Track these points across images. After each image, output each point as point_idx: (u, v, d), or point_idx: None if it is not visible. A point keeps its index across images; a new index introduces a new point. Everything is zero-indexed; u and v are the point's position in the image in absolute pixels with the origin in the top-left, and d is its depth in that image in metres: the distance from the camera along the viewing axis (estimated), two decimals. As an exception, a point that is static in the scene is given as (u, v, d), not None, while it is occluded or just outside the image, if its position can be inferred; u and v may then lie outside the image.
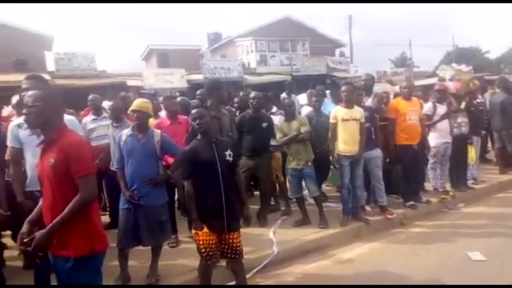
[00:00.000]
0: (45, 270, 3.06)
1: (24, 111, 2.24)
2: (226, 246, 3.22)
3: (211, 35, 27.79)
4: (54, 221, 2.15)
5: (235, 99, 6.24)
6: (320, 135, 5.29)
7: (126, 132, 3.72)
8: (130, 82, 17.28)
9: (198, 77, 18.38)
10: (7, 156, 3.25)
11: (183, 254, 4.33)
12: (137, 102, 3.76)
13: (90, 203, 2.25)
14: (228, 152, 3.20)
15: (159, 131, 3.82)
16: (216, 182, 3.10)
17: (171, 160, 4.00)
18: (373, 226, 5.15)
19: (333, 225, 5.02)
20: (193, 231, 3.26)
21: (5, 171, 3.34)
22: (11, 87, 14.18)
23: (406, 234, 5.08)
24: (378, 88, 6.47)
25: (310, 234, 4.82)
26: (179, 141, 4.07)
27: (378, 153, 5.36)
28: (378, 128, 5.45)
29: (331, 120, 5.05)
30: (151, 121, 4.45)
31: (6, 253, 4.13)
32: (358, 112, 5.00)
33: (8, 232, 4.18)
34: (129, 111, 3.90)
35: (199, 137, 3.26)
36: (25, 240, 2.15)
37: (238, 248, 3.24)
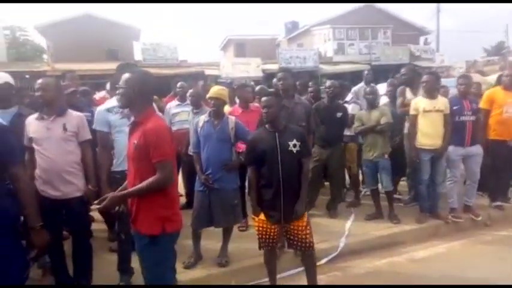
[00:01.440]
0: (127, 243, 3.33)
1: (118, 91, 2.42)
2: (291, 237, 3.18)
3: (289, 24, 27.66)
4: (129, 190, 2.33)
5: (310, 89, 6.17)
6: (393, 127, 5.04)
7: (203, 118, 3.88)
8: (208, 71, 17.90)
9: (273, 67, 18.45)
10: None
11: (252, 238, 4.39)
12: (214, 89, 3.88)
13: (165, 186, 2.34)
14: (293, 142, 3.09)
15: (233, 118, 3.91)
16: (276, 172, 3.05)
17: (243, 146, 4.09)
18: (454, 225, 4.81)
19: (408, 221, 4.78)
20: (252, 216, 3.29)
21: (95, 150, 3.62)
22: (104, 74, 15.51)
23: (491, 237, 4.67)
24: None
25: (383, 228, 4.65)
26: (251, 130, 4.13)
27: (478, 150, 4.93)
28: (481, 121, 4.98)
29: (411, 112, 4.78)
30: (226, 108, 4.57)
31: (94, 225, 4.55)
32: (441, 103, 4.67)
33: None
34: (206, 98, 4.04)
35: (266, 125, 3.23)
36: (99, 199, 2.33)
37: (305, 240, 3.16)
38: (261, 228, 3.19)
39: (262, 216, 3.16)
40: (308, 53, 19.80)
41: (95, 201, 2.32)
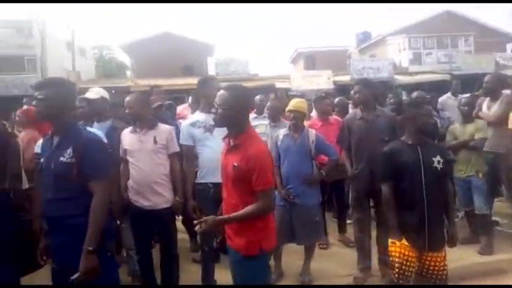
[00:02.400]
0: (210, 255, 3.35)
1: (212, 110, 2.33)
2: (425, 267, 2.80)
3: (360, 35, 26.99)
4: (229, 216, 2.26)
5: (390, 101, 5.88)
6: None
7: (282, 131, 3.83)
8: (279, 84, 18.00)
9: (344, 78, 18.08)
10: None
11: (334, 257, 4.27)
12: (294, 102, 3.83)
13: (266, 214, 2.27)
14: (437, 159, 2.77)
15: (313, 131, 3.82)
16: (419, 190, 2.72)
17: (326, 159, 3.97)
18: None
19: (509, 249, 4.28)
20: (389, 241, 2.88)
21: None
22: (180, 89, 16.25)
23: None
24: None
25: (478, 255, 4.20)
26: (331, 142, 4.00)
27: None
28: None
29: (510, 125, 4.31)
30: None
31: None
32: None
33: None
34: (286, 111, 4.00)
35: (405, 137, 2.94)
36: (198, 221, 2.23)
37: (442, 272, 2.78)
38: (402, 256, 2.76)
39: (404, 241, 2.77)
40: (382, 63, 19.12)
41: (195, 222, 2.23)
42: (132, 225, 3.32)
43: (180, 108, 5.96)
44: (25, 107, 4.97)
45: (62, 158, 2.22)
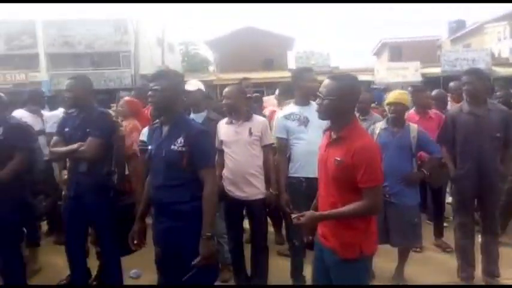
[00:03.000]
0: (300, 250, 3.29)
1: (317, 101, 2.17)
2: None
3: (453, 23, 24.96)
4: (330, 212, 2.11)
5: (497, 93, 5.29)
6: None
7: (380, 125, 3.62)
8: (361, 77, 17.36)
9: (434, 70, 16.89)
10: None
11: (430, 262, 3.96)
12: (395, 94, 3.58)
13: (373, 214, 2.14)
14: None
15: (415, 126, 3.54)
16: None
17: (425, 155, 3.68)
18: None
19: None
20: None
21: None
22: (261, 83, 16.44)
23: None
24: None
25: None
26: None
27: None
28: None
29: None
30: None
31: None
32: None
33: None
34: (385, 104, 3.77)
35: None
36: (296, 215, 2.15)
37: None
38: None
39: None
40: (478, 54, 17.50)
41: (293, 216, 2.15)
42: (226, 215, 3.38)
43: (266, 103, 5.98)
44: (126, 98, 5.34)
45: (173, 146, 2.29)
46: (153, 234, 2.65)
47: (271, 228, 4.63)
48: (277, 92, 5.26)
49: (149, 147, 2.47)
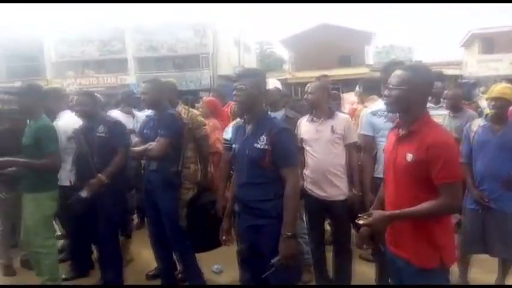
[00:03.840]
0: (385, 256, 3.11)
1: (386, 92, 2.03)
2: None
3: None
4: (402, 211, 1.91)
5: None
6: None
7: (477, 122, 3.29)
8: (448, 71, 16.16)
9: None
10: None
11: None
12: (498, 88, 3.23)
13: (451, 213, 1.96)
14: None
15: (520, 122, 3.17)
16: None
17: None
18: None
19: None
20: None
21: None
22: (336, 80, 16.03)
23: None
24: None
25: None
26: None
27: None
28: None
29: None
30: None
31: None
32: None
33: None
34: (486, 98, 3.43)
35: None
36: (361, 215, 2.00)
37: None
38: None
39: None
40: None
41: (360, 215, 2.01)
42: (306, 215, 3.32)
43: (347, 101, 5.81)
44: (205, 98, 5.52)
45: (256, 145, 2.30)
46: (236, 232, 2.68)
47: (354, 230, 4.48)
48: (357, 88, 5.07)
49: (233, 145, 2.50)
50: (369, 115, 3.15)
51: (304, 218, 3.45)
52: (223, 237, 2.63)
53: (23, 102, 3.29)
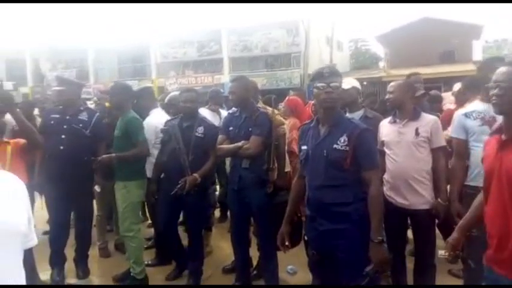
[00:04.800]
0: (476, 273, 2.78)
1: (494, 91, 1.77)
2: None
3: None
4: None
5: None
6: None
7: None
8: None
9: None
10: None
11: None
12: None
13: None
14: None
15: None
16: None
17: None
18: None
19: None
20: None
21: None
22: (436, 78, 14.84)
23: None
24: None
25: None
26: None
27: None
28: None
29: None
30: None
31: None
32: None
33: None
34: None
35: None
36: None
37: None
38: None
39: None
40: None
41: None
42: (385, 223, 3.11)
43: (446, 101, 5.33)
44: (289, 97, 5.50)
45: (335, 146, 2.23)
46: (306, 236, 2.61)
47: (441, 242, 4.10)
48: (455, 87, 4.61)
49: (303, 147, 2.43)
50: (462, 117, 2.85)
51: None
52: (284, 243, 2.58)
53: (113, 99, 3.67)
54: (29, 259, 1.11)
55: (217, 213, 5.30)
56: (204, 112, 4.89)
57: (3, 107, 3.39)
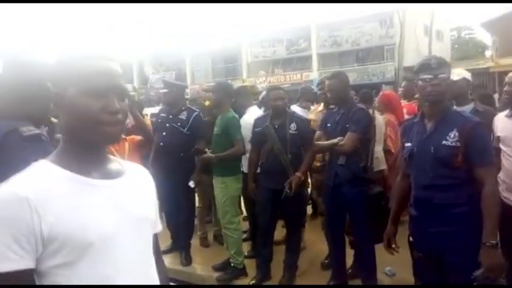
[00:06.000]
0: None
1: None
2: None
3: None
4: None
5: None
6: None
7: None
8: None
9: None
10: None
11: None
12: None
13: None
14: None
15: None
16: None
17: None
18: None
19: None
20: None
21: None
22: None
23: None
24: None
25: None
26: None
27: None
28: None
29: None
30: None
31: None
32: None
33: None
34: None
35: None
36: None
37: None
38: None
39: None
40: None
41: None
42: (500, 226, 2.83)
43: None
44: (383, 92, 5.28)
45: (444, 142, 2.09)
46: (411, 237, 2.48)
47: None
48: None
49: (407, 144, 2.32)
50: None
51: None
52: (391, 245, 2.49)
53: (214, 97, 3.87)
54: (156, 243, 1.22)
55: (309, 209, 5.31)
56: (295, 109, 4.93)
57: (130, 106, 3.84)
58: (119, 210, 1.06)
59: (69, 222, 0.96)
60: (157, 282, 1.17)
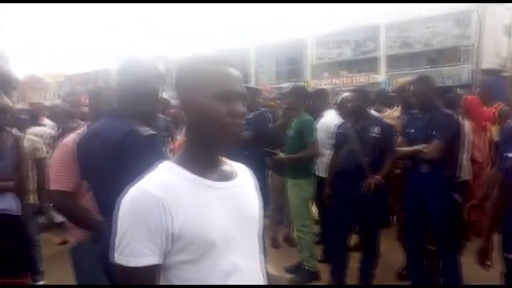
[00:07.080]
0: None
1: None
2: None
3: None
4: None
5: None
6: None
7: None
8: None
9: None
10: None
11: None
12: None
13: None
14: None
15: None
16: None
17: None
18: None
19: None
20: None
21: None
22: None
23: None
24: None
25: None
26: None
27: None
28: None
29: None
30: None
31: None
32: None
33: None
34: None
35: None
36: None
37: None
38: None
39: None
40: None
41: None
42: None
43: None
44: (467, 97, 4.97)
45: None
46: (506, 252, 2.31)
47: None
48: None
49: (508, 154, 2.15)
50: None
51: None
52: (484, 261, 2.32)
53: (289, 100, 3.91)
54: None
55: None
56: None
57: None
58: (235, 210, 1.12)
59: (196, 222, 1.03)
60: (263, 278, 1.21)
